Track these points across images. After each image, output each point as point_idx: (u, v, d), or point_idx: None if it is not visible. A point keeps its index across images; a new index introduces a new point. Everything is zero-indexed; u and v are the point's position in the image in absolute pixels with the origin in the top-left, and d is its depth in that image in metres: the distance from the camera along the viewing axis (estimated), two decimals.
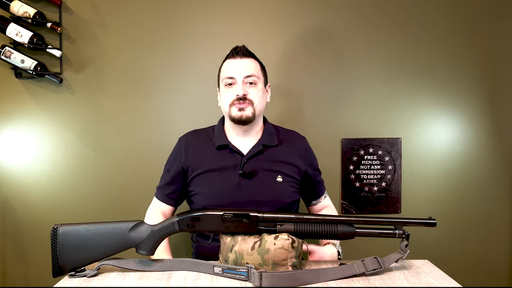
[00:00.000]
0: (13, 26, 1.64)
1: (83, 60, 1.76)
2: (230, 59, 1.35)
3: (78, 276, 1.04)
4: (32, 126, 1.76)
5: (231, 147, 1.34)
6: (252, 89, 1.32)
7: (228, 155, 1.34)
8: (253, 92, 1.32)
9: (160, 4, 1.77)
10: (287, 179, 1.33)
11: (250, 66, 1.33)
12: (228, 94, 1.32)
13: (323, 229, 1.05)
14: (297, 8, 1.80)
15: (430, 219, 1.06)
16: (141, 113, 1.78)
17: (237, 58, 1.33)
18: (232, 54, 1.35)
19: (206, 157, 1.35)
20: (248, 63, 1.34)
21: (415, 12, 1.82)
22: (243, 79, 1.31)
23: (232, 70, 1.32)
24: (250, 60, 1.35)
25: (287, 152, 1.37)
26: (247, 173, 1.30)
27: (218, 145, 1.35)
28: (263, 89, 1.37)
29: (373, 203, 1.86)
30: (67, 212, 1.76)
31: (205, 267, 1.05)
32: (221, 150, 1.35)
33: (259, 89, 1.33)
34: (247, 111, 1.30)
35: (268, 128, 1.40)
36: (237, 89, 1.30)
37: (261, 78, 1.36)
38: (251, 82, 1.32)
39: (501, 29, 1.84)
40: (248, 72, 1.32)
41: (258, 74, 1.34)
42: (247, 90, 1.31)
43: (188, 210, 1.14)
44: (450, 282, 0.99)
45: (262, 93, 1.35)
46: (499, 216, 1.88)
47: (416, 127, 1.85)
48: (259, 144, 1.35)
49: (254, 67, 1.34)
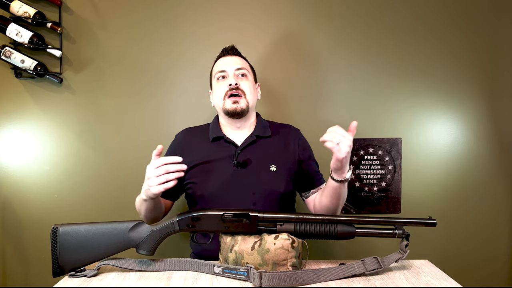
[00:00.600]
0: (13, 26, 1.64)
1: (83, 60, 1.76)
2: (220, 58, 1.44)
3: (78, 276, 1.04)
4: (32, 126, 1.76)
5: (225, 138, 1.39)
6: (244, 81, 1.39)
7: (222, 147, 1.38)
8: (245, 83, 1.39)
9: (160, 4, 1.77)
10: (280, 169, 1.35)
11: (240, 61, 1.43)
12: (221, 87, 1.38)
13: (323, 229, 1.05)
14: (295, 7, 1.80)
15: (430, 219, 1.06)
16: (141, 113, 1.78)
17: (227, 56, 1.43)
18: (223, 53, 1.44)
19: (202, 150, 1.39)
20: (238, 59, 1.43)
21: (415, 11, 1.82)
22: (234, 71, 1.38)
23: (223, 65, 1.41)
24: (240, 58, 1.45)
25: (280, 142, 1.41)
26: (241, 162, 1.33)
27: (213, 137, 1.40)
28: (254, 84, 1.44)
29: (373, 203, 1.86)
30: (67, 212, 1.76)
31: (205, 267, 1.05)
32: (216, 141, 1.40)
33: (250, 81, 1.41)
34: (241, 103, 1.35)
35: (261, 122, 1.46)
36: (229, 79, 1.37)
37: (251, 73, 1.45)
38: (242, 74, 1.40)
39: (501, 29, 1.84)
40: (239, 65, 1.40)
41: (248, 68, 1.44)
42: (239, 82, 1.37)
43: (188, 210, 1.14)
44: (450, 282, 0.99)
45: (253, 87, 1.43)
46: (499, 216, 1.88)
47: (416, 127, 1.85)
48: (253, 135, 1.39)
49: (244, 63, 1.44)
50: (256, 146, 1.38)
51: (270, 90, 1.81)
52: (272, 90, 1.81)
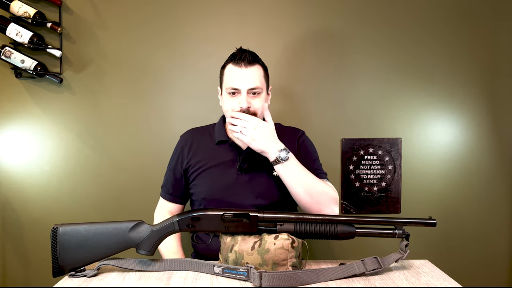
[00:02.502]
0: (13, 26, 1.64)
1: (83, 60, 1.76)
2: (234, 65, 1.30)
3: (78, 276, 1.04)
4: (32, 126, 1.76)
5: (230, 142, 1.37)
6: (256, 99, 1.30)
7: (227, 150, 1.37)
8: (257, 102, 1.30)
9: (160, 4, 1.77)
10: None
11: (255, 77, 1.29)
12: (232, 103, 1.31)
13: (323, 229, 1.05)
14: (297, 9, 1.80)
15: (430, 219, 1.06)
16: (141, 113, 1.78)
17: (241, 66, 1.29)
18: (237, 61, 1.30)
19: (206, 152, 1.38)
20: (253, 72, 1.29)
21: (415, 13, 1.82)
22: (247, 90, 1.28)
23: (237, 81, 1.29)
24: (255, 68, 1.30)
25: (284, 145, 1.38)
26: (245, 167, 1.32)
27: (218, 140, 1.38)
28: (266, 96, 1.35)
29: (373, 203, 1.86)
30: (67, 212, 1.77)
31: (205, 267, 1.05)
32: (221, 145, 1.38)
33: (262, 98, 1.32)
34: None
35: None
36: (241, 100, 1.28)
37: (264, 85, 1.34)
38: (254, 93, 1.30)
39: (501, 30, 1.84)
40: (253, 84, 1.28)
41: (262, 84, 1.31)
42: (250, 102, 1.29)
43: (188, 210, 1.14)
44: (450, 282, 0.99)
45: (265, 99, 1.34)
46: (499, 216, 1.88)
47: (416, 127, 1.85)
48: None
49: (259, 77, 1.31)
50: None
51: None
52: (273, 91, 1.81)
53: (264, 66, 1.36)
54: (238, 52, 1.32)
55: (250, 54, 1.31)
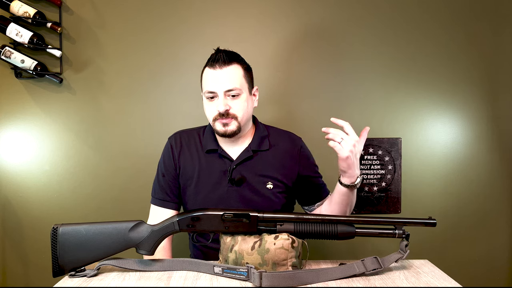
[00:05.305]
0: (13, 26, 1.64)
1: (83, 60, 1.76)
2: (209, 68, 1.24)
3: (78, 276, 1.04)
4: (32, 126, 1.76)
5: (220, 151, 1.29)
6: (235, 101, 1.22)
7: (217, 160, 1.30)
8: (236, 104, 1.22)
9: (160, 5, 1.77)
10: (277, 185, 1.29)
11: (231, 77, 1.21)
12: (211, 108, 1.24)
13: (323, 229, 1.05)
14: (295, 8, 1.80)
15: (430, 219, 1.06)
16: (141, 113, 1.79)
17: (216, 68, 1.22)
18: (211, 63, 1.23)
19: (195, 161, 1.31)
20: (229, 73, 1.21)
21: (415, 12, 1.82)
22: (224, 93, 1.21)
23: (212, 84, 1.22)
24: (231, 68, 1.22)
25: (279, 155, 1.31)
26: (236, 180, 1.26)
27: (207, 149, 1.31)
28: (248, 97, 1.26)
29: (373, 203, 1.85)
30: (67, 212, 1.77)
31: (205, 267, 1.05)
32: (210, 153, 1.31)
33: (242, 100, 1.23)
34: (232, 125, 1.22)
35: (259, 131, 1.33)
36: (218, 104, 1.21)
37: (245, 86, 1.25)
38: (233, 95, 1.22)
39: (501, 30, 1.84)
40: (229, 85, 1.20)
41: (241, 85, 1.23)
42: (229, 104, 1.22)
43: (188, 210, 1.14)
44: (450, 282, 0.99)
45: (247, 102, 1.25)
46: (499, 216, 1.88)
47: (416, 127, 1.85)
48: (249, 149, 1.29)
49: (236, 77, 1.22)
50: (252, 162, 1.29)
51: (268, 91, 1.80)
52: (270, 92, 1.81)
53: (245, 65, 1.27)
54: (213, 55, 1.25)
55: (226, 53, 1.23)
